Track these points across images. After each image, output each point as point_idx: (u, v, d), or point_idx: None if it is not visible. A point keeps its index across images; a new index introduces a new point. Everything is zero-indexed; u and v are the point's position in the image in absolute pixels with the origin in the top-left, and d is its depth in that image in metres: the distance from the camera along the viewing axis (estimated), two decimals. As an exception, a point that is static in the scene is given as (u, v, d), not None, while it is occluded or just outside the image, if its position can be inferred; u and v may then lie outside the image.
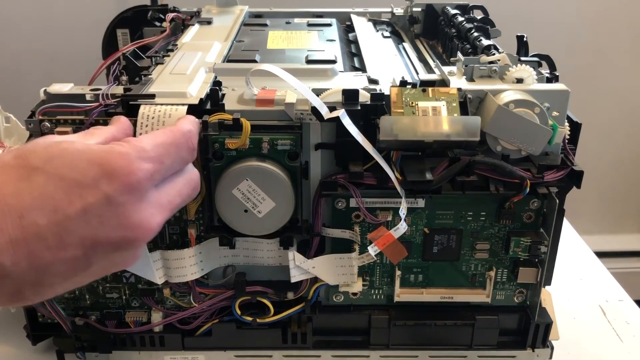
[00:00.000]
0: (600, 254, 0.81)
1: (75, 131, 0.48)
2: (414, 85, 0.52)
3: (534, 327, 0.57)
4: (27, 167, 0.34)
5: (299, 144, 0.49)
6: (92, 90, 0.52)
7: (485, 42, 0.61)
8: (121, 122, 0.45)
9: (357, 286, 0.55)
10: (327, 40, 0.72)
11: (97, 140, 0.40)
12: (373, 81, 0.56)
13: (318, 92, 0.50)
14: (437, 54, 0.73)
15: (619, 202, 1.65)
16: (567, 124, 0.52)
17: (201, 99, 0.49)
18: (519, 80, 0.51)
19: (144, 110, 0.47)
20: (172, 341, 0.58)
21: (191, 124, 0.44)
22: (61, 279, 0.35)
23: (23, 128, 0.62)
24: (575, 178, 0.51)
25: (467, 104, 0.50)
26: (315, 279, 0.55)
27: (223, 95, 0.51)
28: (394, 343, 0.58)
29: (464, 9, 0.77)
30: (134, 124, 0.46)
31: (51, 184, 0.34)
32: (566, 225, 0.81)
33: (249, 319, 0.56)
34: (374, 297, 0.57)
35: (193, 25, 0.76)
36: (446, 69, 0.55)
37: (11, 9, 1.28)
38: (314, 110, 0.48)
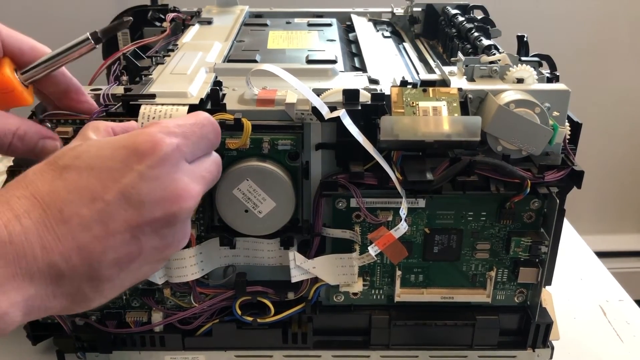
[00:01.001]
0: (600, 254, 0.81)
1: (75, 131, 0.48)
2: (414, 85, 0.52)
3: (534, 327, 0.57)
4: (58, 168, 0.36)
5: (300, 144, 0.49)
6: (92, 90, 0.52)
7: (486, 42, 0.61)
8: (127, 122, 0.46)
9: (358, 286, 0.55)
10: (328, 40, 0.72)
11: (103, 134, 0.41)
12: (373, 81, 0.56)
13: (318, 92, 0.50)
14: (438, 54, 0.73)
15: (619, 202, 1.65)
16: (567, 123, 0.52)
17: (201, 99, 0.50)
18: (520, 80, 0.51)
19: (144, 110, 0.47)
20: (173, 341, 0.57)
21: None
22: (117, 269, 0.36)
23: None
24: (575, 178, 0.51)
25: (467, 104, 0.50)
26: (315, 279, 0.55)
27: (223, 95, 0.51)
28: (394, 343, 0.58)
29: (464, 9, 0.77)
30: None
31: (84, 176, 0.35)
32: (566, 225, 0.81)
33: (250, 319, 0.55)
34: (375, 297, 0.57)
35: (193, 25, 0.76)
36: (447, 69, 0.55)
37: (11, 8, 1.28)
38: (315, 110, 0.48)
